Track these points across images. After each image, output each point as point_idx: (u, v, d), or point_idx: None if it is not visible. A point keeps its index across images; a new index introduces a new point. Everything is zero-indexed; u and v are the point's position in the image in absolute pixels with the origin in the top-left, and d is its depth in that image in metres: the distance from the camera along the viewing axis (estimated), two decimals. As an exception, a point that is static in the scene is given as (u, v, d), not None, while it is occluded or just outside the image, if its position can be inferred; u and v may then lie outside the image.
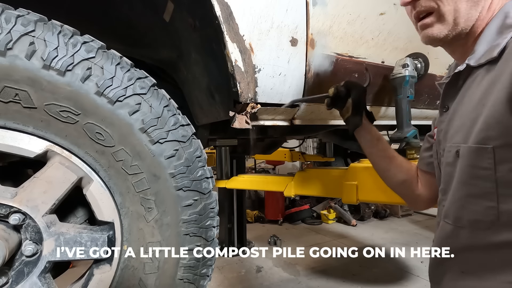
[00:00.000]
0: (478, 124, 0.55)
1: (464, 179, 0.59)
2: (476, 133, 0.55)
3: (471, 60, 0.60)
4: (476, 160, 0.55)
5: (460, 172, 0.60)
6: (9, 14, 0.63)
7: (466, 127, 0.59)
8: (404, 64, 1.21)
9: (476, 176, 0.56)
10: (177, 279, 0.82)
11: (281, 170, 5.57)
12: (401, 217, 4.16)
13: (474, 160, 0.56)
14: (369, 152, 0.98)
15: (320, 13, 1.01)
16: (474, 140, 0.56)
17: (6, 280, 0.67)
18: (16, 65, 0.62)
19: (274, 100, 1.02)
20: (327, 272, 2.47)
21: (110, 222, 0.76)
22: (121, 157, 0.74)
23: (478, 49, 0.59)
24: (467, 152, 0.57)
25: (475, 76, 0.60)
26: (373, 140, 0.96)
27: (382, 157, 0.95)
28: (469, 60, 0.60)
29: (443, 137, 0.69)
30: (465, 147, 0.58)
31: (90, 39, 0.71)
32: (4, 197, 0.65)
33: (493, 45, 0.57)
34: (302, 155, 3.35)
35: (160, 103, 0.77)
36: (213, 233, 0.87)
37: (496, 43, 0.56)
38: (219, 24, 0.83)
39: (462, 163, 0.59)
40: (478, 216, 0.56)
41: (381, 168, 0.97)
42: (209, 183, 0.86)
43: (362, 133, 0.97)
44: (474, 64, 0.59)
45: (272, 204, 4.03)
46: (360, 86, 0.97)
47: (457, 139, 0.62)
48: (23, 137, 0.67)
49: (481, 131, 0.54)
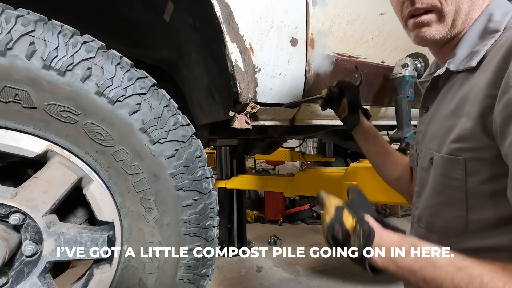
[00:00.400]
0: (452, 134, 0.55)
1: (436, 187, 0.60)
2: (449, 143, 0.56)
3: (450, 64, 0.59)
4: (448, 170, 0.56)
5: (433, 180, 0.61)
6: (9, 14, 0.62)
7: (440, 135, 0.59)
8: (404, 64, 1.21)
9: (448, 185, 0.57)
10: (177, 279, 0.82)
11: (281, 170, 5.57)
12: (401, 217, 4.16)
13: (446, 170, 0.57)
14: (366, 150, 1.00)
15: (320, 13, 1.01)
16: (447, 150, 0.56)
17: (6, 280, 0.66)
18: (16, 65, 0.62)
19: (274, 100, 1.02)
20: (327, 272, 2.47)
21: (110, 222, 0.76)
22: (121, 157, 0.74)
23: (458, 53, 0.58)
24: (440, 161, 0.58)
25: (454, 81, 0.60)
26: (371, 138, 0.98)
27: (379, 154, 0.97)
28: (449, 64, 0.59)
29: (421, 140, 0.69)
30: (439, 156, 0.58)
31: (90, 39, 0.71)
32: (4, 197, 0.65)
33: (473, 51, 0.55)
34: (302, 155, 3.35)
35: (160, 103, 0.77)
36: (213, 233, 0.87)
37: (476, 49, 0.55)
38: (219, 24, 0.83)
39: (435, 171, 0.60)
40: (448, 223, 0.58)
41: (378, 165, 0.99)
42: (209, 183, 0.86)
43: (359, 131, 0.99)
44: (453, 69, 0.58)
45: (272, 204, 4.03)
46: (353, 86, 0.99)
47: (432, 146, 0.62)
48: (23, 137, 0.67)
49: (454, 142, 0.55)
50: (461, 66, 0.57)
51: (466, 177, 0.53)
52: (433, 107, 0.66)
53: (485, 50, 0.53)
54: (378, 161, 0.98)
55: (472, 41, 0.56)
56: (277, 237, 3.14)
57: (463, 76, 0.57)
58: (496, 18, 0.55)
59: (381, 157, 0.96)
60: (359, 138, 1.00)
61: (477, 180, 0.52)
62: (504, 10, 0.55)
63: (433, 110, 0.66)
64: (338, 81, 1.00)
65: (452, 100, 0.58)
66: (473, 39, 0.56)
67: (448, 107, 0.59)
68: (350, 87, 0.98)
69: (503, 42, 0.49)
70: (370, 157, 1.00)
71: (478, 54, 0.54)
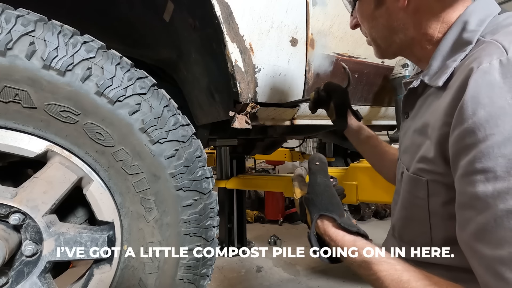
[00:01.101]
0: (419, 154, 0.56)
1: (404, 203, 0.62)
2: (415, 163, 0.56)
3: (425, 77, 0.57)
4: (412, 188, 0.57)
5: (402, 196, 0.62)
6: (9, 14, 0.62)
7: (411, 152, 0.60)
8: (404, 64, 1.21)
9: (413, 203, 0.58)
10: (177, 279, 0.82)
11: (281, 170, 5.57)
12: (401, 217, 4.16)
13: (411, 188, 0.58)
14: (361, 150, 1.00)
15: (320, 13, 1.02)
16: (413, 169, 0.57)
17: (6, 280, 0.66)
18: (16, 65, 0.62)
19: (274, 100, 1.02)
20: (327, 272, 2.47)
21: (110, 222, 0.76)
22: (121, 157, 0.74)
23: (432, 65, 0.56)
24: (407, 179, 0.59)
25: (427, 94, 0.59)
26: (363, 138, 0.98)
27: (374, 153, 0.97)
28: (424, 76, 0.57)
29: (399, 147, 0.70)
30: (406, 174, 0.59)
31: (90, 39, 0.71)
32: (4, 197, 0.65)
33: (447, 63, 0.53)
34: (302, 155, 3.35)
35: (160, 103, 0.77)
36: (213, 233, 0.87)
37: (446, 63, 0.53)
38: (219, 24, 0.83)
39: (403, 187, 0.61)
40: (415, 237, 0.60)
41: (376, 163, 0.99)
42: (209, 183, 0.86)
43: (350, 133, 0.99)
44: (427, 81, 0.56)
45: (272, 204, 4.02)
46: (340, 89, 0.98)
47: (404, 160, 0.63)
48: (23, 137, 0.67)
49: (419, 162, 0.55)
50: (432, 81, 0.55)
51: (428, 198, 0.54)
52: (411, 116, 0.65)
53: (453, 67, 0.51)
54: (374, 160, 0.99)
55: (445, 52, 0.54)
56: (277, 237, 3.13)
57: (434, 91, 0.56)
58: (470, 27, 0.51)
59: (377, 157, 0.96)
60: (351, 139, 1.01)
61: (438, 201, 0.53)
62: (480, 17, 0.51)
63: (410, 121, 0.65)
64: (325, 83, 1.00)
65: (423, 116, 0.58)
66: (446, 50, 0.54)
67: (418, 123, 0.59)
68: (337, 90, 0.97)
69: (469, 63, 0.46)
70: (366, 157, 1.01)
71: (446, 72, 0.52)
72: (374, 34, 0.65)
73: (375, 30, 0.64)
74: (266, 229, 3.75)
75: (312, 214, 0.64)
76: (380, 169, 0.99)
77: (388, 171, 0.95)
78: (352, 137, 1.00)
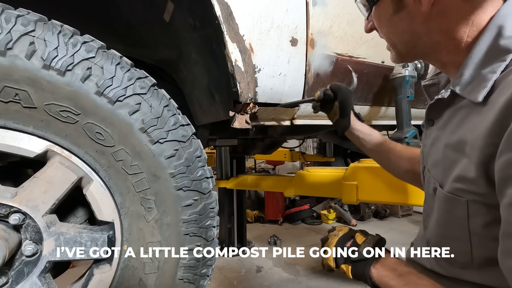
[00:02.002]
0: (455, 171, 0.52)
1: (440, 221, 0.59)
2: (451, 182, 0.53)
3: (456, 87, 0.53)
4: (450, 208, 0.54)
5: (437, 211, 0.59)
6: (9, 14, 0.62)
7: (443, 166, 0.56)
8: (404, 64, 1.21)
9: (451, 222, 0.55)
10: (177, 279, 0.82)
11: (281, 170, 5.57)
12: (401, 217, 4.16)
13: (448, 208, 0.54)
14: (366, 150, 0.99)
15: (320, 13, 1.01)
16: (449, 188, 0.53)
17: (6, 280, 0.66)
18: (16, 65, 0.62)
19: (274, 100, 1.02)
20: (327, 272, 2.47)
21: (110, 222, 0.76)
22: (121, 157, 0.74)
23: (464, 74, 0.51)
24: (443, 197, 0.56)
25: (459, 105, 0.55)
26: (365, 138, 0.97)
27: (379, 152, 0.96)
28: (454, 86, 0.53)
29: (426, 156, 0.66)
30: (441, 192, 0.56)
31: (90, 39, 0.71)
32: (4, 197, 0.65)
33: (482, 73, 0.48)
34: (302, 155, 3.36)
35: (160, 103, 0.77)
36: (213, 233, 0.87)
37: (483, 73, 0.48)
38: (219, 24, 0.83)
39: (438, 205, 0.58)
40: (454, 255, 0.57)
41: (383, 161, 0.98)
42: (209, 183, 0.86)
43: (352, 133, 0.98)
44: (459, 92, 0.53)
45: (272, 204, 4.02)
46: (346, 89, 0.98)
47: (436, 174, 0.59)
48: (23, 137, 0.67)
49: (456, 181, 0.51)
50: (466, 93, 0.51)
51: (468, 218, 0.50)
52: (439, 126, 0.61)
53: (493, 81, 0.46)
54: (380, 159, 0.98)
55: (478, 60, 0.49)
56: (277, 237, 3.13)
57: (470, 104, 0.51)
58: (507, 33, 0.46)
59: (383, 154, 0.95)
60: (353, 140, 1.00)
61: (479, 222, 0.49)
62: None
63: (438, 131, 0.61)
64: (332, 83, 1.00)
65: (456, 130, 0.53)
66: (479, 58, 0.49)
67: (452, 138, 0.54)
68: (344, 91, 0.97)
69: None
70: (372, 156, 1.00)
71: (485, 86, 0.47)
72: (394, 39, 0.62)
73: (395, 35, 0.61)
74: (266, 229, 3.74)
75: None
76: (388, 167, 0.98)
77: (396, 169, 0.94)
78: (353, 138, 0.99)
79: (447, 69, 0.61)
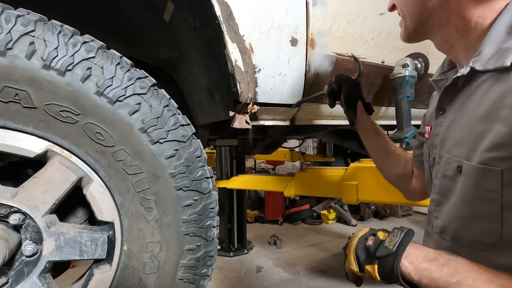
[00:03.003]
0: (485, 141, 0.50)
1: (466, 198, 0.55)
2: (482, 152, 0.51)
3: (476, 64, 0.53)
4: (481, 181, 0.51)
5: (462, 191, 0.56)
6: (9, 14, 0.62)
7: (469, 142, 0.54)
8: (404, 64, 1.21)
9: (481, 197, 0.52)
10: (177, 279, 0.82)
11: (281, 170, 5.57)
12: (401, 217, 4.16)
13: (479, 181, 0.52)
14: (367, 145, 0.99)
15: (320, 13, 1.01)
16: (480, 159, 0.51)
17: (6, 280, 0.66)
18: (16, 65, 0.62)
19: (274, 100, 1.02)
20: (327, 272, 2.47)
21: (110, 222, 0.76)
22: (121, 157, 0.74)
23: (484, 51, 0.52)
24: (472, 171, 0.53)
25: (479, 82, 0.54)
26: (370, 133, 0.97)
27: (379, 151, 0.97)
28: (474, 63, 0.53)
29: (440, 144, 0.64)
30: (469, 165, 0.53)
31: (90, 39, 0.71)
32: (4, 197, 0.65)
33: (503, 48, 0.49)
34: (302, 155, 3.35)
35: (160, 103, 0.77)
36: (213, 233, 0.87)
37: (505, 46, 0.49)
38: (219, 24, 0.83)
39: (465, 181, 0.55)
40: (479, 237, 0.54)
41: (378, 161, 0.99)
42: (209, 183, 0.86)
43: (360, 126, 0.99)
44: (479, 68, 0.52)
45: (272, 204, 4.02)
46: (350, 80, 0.97)
47: (458, 153, 0.57)
48: (23, 137, 0.67)
49: (489, 151, 0.49)
50: (490, 65, 0.51)
51: (502, 189, 0.48)
52: (454, 109, 0.60)
53: None
54: (378, 157, 0.98)
55: (499, 37, 0.51)
56: (277, 237, 3.13)
57: (492, 76, 0.51)
58: None
59: (382, 154, 0.96)
60: (360, 133, 1.00)
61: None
62: None
63: (454, 113, 0.60)
64: (336, 75, 1.00)
65: (481, 103, 0.52)
66: (501, 36, 0.51)
67: (477, 111, 0.53)
68: (348, 82, 0.96)
69: None
70: (370, 153, 1.00)
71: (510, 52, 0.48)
72: (406, 12, 0.63)
73: (407, 8, 0.62)
74: (266, 229, 3.75)
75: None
76: (382, 167, 0.98)
77: (389, 170, 0.95)
78: (360, 130, 0.99)
79: (455, 52, 0.61)
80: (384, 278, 0.56)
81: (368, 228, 0.67)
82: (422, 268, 0.51)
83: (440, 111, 0.65)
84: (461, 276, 0.45)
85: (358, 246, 0.61)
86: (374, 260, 0.57)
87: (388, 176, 0.98)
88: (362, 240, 0.62)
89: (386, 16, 1.16)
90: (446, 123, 0.63)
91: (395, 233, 0.58)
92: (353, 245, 0.63)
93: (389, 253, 0.55)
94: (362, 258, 0.60)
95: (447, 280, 0.46)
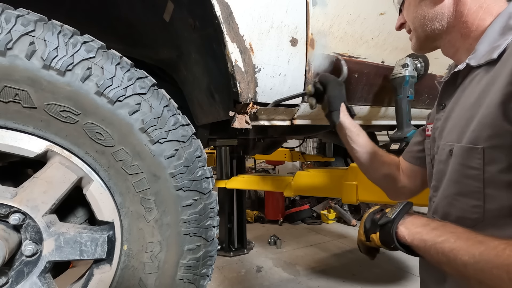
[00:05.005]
0: (472, 124, 0.56)
1: (454, 177, 0.61)
2: (469, 133, 0.56)
3: (471, 60, 0.60)
4: (466, 159, 0.57)
5: (451, 170, 0.61)
6: (9, 14, 0.62)
7: (460, 127, 0.60)
8: (404, 64, 1.21)
9: (466, 175, 0.57)
10: (177, 279, 0.82)
11: (281, 170, 5.57)
12: (401, 217, 4.16)
13: (465, 160, 0.57)
14: (350, 147, 0.97)
15: (320, 13, 1.01)
16: (467, 140, 0.57)
17: (6, 280, 0.66)
18: (16, 65, 0.62)
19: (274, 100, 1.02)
20: (327, 272, 2.47)
21: (110, 222, 0.76)
22: (121, 157, 0.74)
23: (479, 49, 0.59)
24: (460, 151, 0.58)
25: (473, 75, 0.61)
26: (353, 136, 0.95)
27: (364, 152, 0.95)
28: (470, 60, 0.61)
29: (438, 135, 0.69)
30: (458, 146, 0.59)
31: (90, 39, 0.71)
32: (4, 197, 0.65)
33: (494, 46, 0.57)
34: (302, 155, 3.36)
35: (160, 103, 0.77)
36: (213, 233, 0.87)
37: (497, 44, 0.56)
38: (219, 24, 0.83)
39: (454, 161, 0.60)
40: (465, 213, 0.58)
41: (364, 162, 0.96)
42: (209, 183, 0.86)
43: (341, 129, 0.96)
44: (474, 64, 0.59)
45: (272, 204, 4.02)
46: (335, 81, 0.96)
47: (451, 138, 0.63)
48: (23, 137, 0.67)
49: (474, 131, 0.55)
50: (482, 60, 0.58)
51: (484, 166, 0.53)
52: (451, 103, 0.67)
53: (506, 44, 0.54)
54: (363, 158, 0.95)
55: (492, 37, 0.58)
56: (277, 237, 3.13)
57: (484, 70, 0.58)
58: None
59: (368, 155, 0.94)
60: (341, 136, 0.98)
61: (495, 169, 0.52)
62: None
63: (451, 106, 0.66)
64: (320, 75, 0.98)
65: (473, 93, 0.59)
66: (494, 36, 0.58)
67: (469, 100, 0.59)
68: (332, 83, 0.95)
69: None
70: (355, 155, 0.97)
71: (499, 47, 0.55)
72: (417, 24, 0.70)
73: (417, 20, 0.69)
74: (266, 229, 3.75)
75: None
76: (367, 169, 0.97)
77: (376, 171, 0.94)
78: (341, 133, 0.97)
79: (459, 54, 0.67)
80: (384, 243, 0.63)
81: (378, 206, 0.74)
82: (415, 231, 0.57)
83: (440, 106, 0.70)
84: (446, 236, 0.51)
85: (367, 219, 0.69)
86: (377, 228, 0.65)
87: (374, 176, 0.96)
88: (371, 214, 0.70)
89: (386, 16, 1.17)
90: (445, 116, 0.68)
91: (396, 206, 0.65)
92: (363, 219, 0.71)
93: (388, 221, 0.62)
94: (368, 227, 0.68)
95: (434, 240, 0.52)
